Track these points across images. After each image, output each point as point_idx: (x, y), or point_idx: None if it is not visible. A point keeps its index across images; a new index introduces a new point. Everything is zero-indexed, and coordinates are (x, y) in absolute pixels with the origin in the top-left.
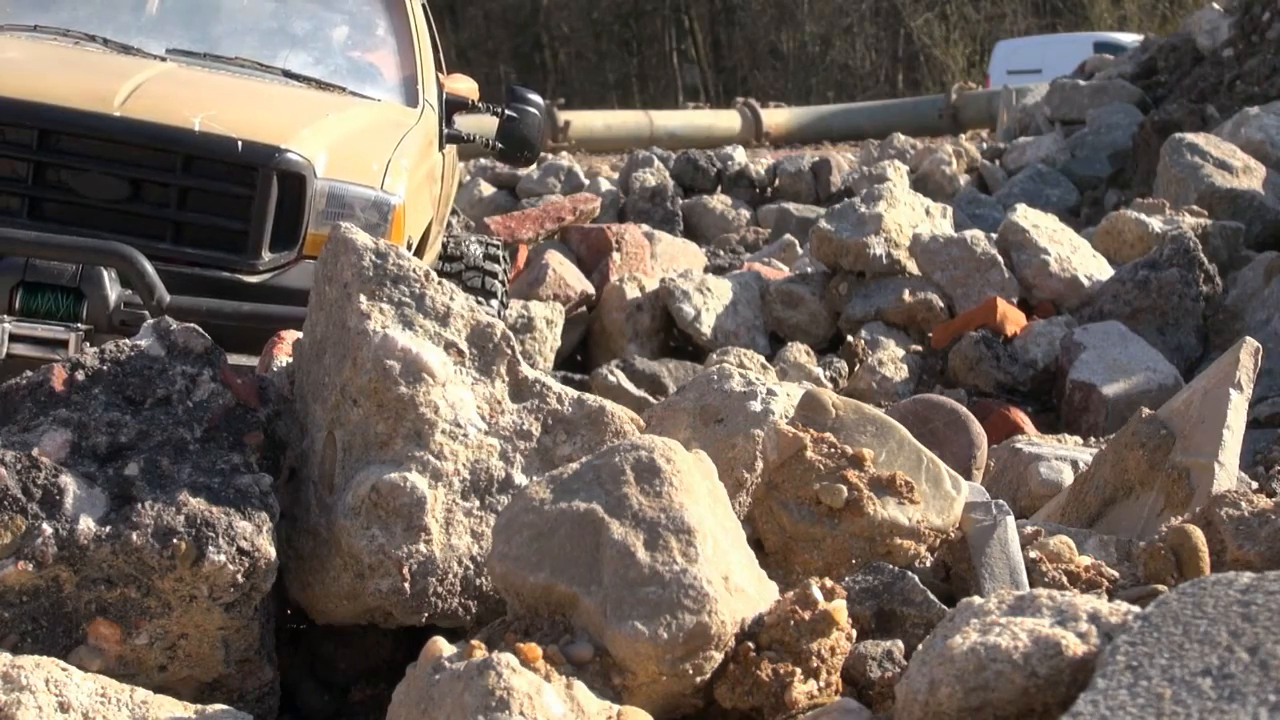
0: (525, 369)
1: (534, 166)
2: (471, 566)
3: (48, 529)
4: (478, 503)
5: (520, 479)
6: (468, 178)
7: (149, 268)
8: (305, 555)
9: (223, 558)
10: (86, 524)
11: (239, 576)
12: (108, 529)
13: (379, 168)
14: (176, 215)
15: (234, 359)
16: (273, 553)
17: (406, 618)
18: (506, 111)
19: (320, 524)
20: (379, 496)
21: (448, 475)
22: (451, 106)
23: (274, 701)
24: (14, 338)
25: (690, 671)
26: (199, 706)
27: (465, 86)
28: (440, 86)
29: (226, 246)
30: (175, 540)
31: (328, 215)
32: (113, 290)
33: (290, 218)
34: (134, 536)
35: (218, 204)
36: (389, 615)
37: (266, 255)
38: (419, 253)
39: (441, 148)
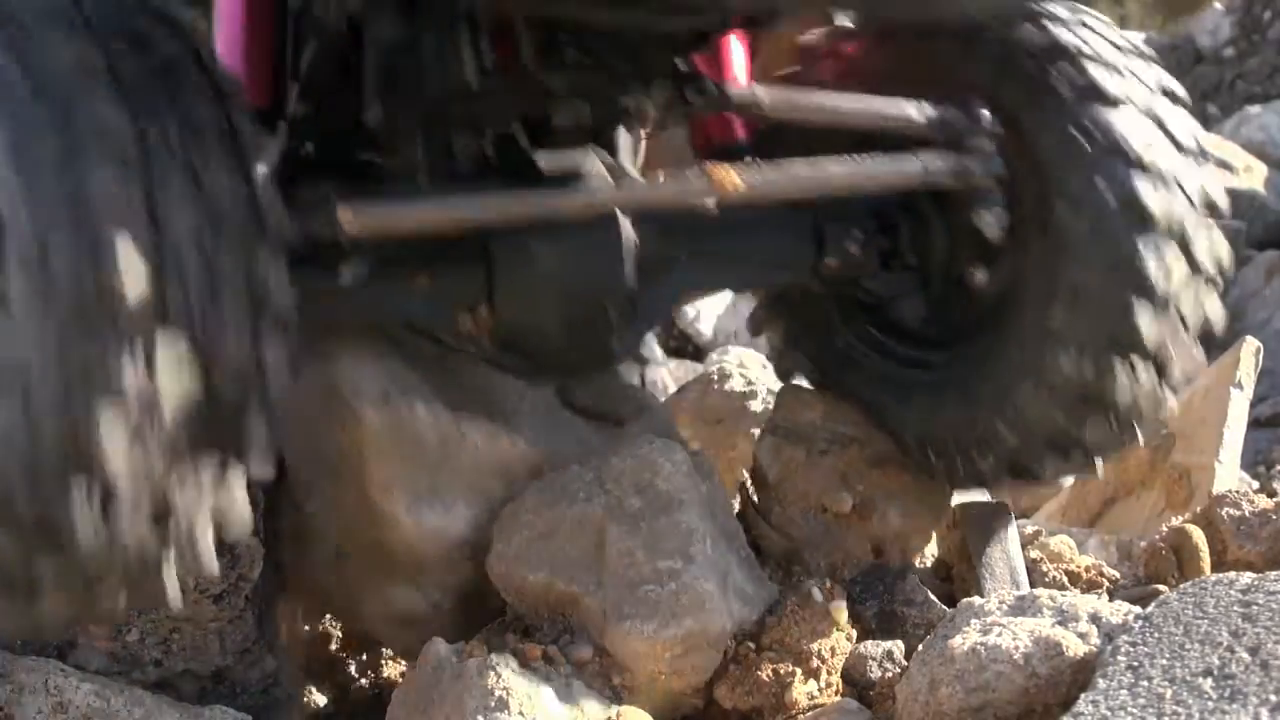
0: None
1: None
2: None
3: None
4: None
5: None
6: None
7: None
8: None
9: None
10: None
11: (224, 567)
12: None
13: None
14: None
15: None
16: (256, 542)
17: None
18: None
19: None
20: None
21: None
22: None
23: (279, 692)
24: None
25: (690, 671)
26: (197, 708)
27: None
28: None
29: None
30: None
31: None
32: None
33: None
34: None
35: None
36: None
37: None
38: None
39: None
